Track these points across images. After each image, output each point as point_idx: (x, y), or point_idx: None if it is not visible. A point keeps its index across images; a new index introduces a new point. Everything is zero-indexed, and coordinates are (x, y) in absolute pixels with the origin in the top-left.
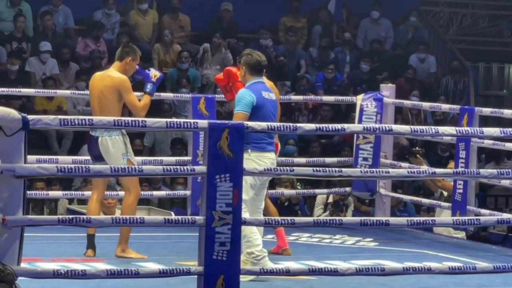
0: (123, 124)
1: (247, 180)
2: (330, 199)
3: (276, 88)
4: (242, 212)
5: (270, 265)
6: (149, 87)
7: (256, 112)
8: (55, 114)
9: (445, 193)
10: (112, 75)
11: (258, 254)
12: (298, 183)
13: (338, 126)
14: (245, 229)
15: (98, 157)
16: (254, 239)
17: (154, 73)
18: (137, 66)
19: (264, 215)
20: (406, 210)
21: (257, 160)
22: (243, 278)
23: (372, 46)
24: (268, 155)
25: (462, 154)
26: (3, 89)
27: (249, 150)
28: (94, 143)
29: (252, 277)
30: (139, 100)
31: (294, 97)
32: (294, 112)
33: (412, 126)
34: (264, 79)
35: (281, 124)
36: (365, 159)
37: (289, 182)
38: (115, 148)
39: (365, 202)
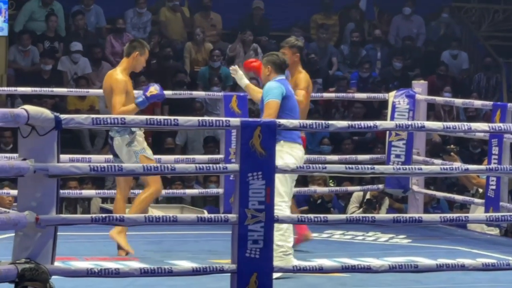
0: (155, 123)
1: (278, 176)
2: (368, 197)
3: (310, 80)
4: (283, 209)
5: (294, 262)
6: (140, 99)
7: (286, 101)
8: (88, 114)
9: (481, 190)
10: (112, 74)
11: (287, 250)
12: (331, 180)
13: (371, 123)
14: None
15: (116, 155)
16: (289, 235)
17: (153, 89)
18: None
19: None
20: (439, 206)
21: (289, 151)
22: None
23: (404, 42)
24: (299, 146)
25: (495, 150)
26: (35, 88)
27: (282, 141)
28: (111, 142)
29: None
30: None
31: (326, 94)
32: (331, 109)
33: (444, 123)
34: (303, 71)
35: (313, 121)
36: (397, 156)
37: (322, 179)
38: (125, 148)
39: (398, 199)
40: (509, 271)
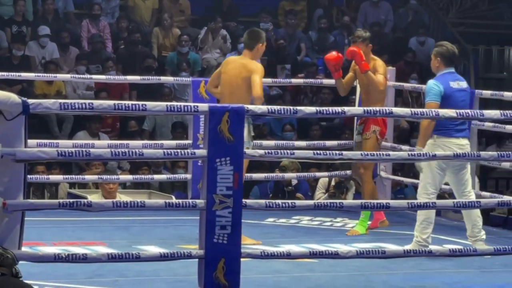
0: (123, 108)
1: (431, 165)
2: (333, 183)
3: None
4: (429, 198)
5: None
6: None
7: (444, 101)
8: (55, 98)
9: None
10: (247, 61)
11: (420, 241)
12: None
13: (339, 109)
14: (420, 214)
15: None
16: (424, 226)
17: None
18: None
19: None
20: (401, 191)
21: (442, 146)
22: None
23: (372, 29)
24: (454, 141)
25: None
26: (3, 73)
27: (435, 136)
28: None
29: None
30: None
31: (294, 80)
32: (300, 95)
33: (412, 109)
34: (377, 58)
35: (281, 107)
36: None
37: (295, 168)
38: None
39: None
40: (476, 257)
